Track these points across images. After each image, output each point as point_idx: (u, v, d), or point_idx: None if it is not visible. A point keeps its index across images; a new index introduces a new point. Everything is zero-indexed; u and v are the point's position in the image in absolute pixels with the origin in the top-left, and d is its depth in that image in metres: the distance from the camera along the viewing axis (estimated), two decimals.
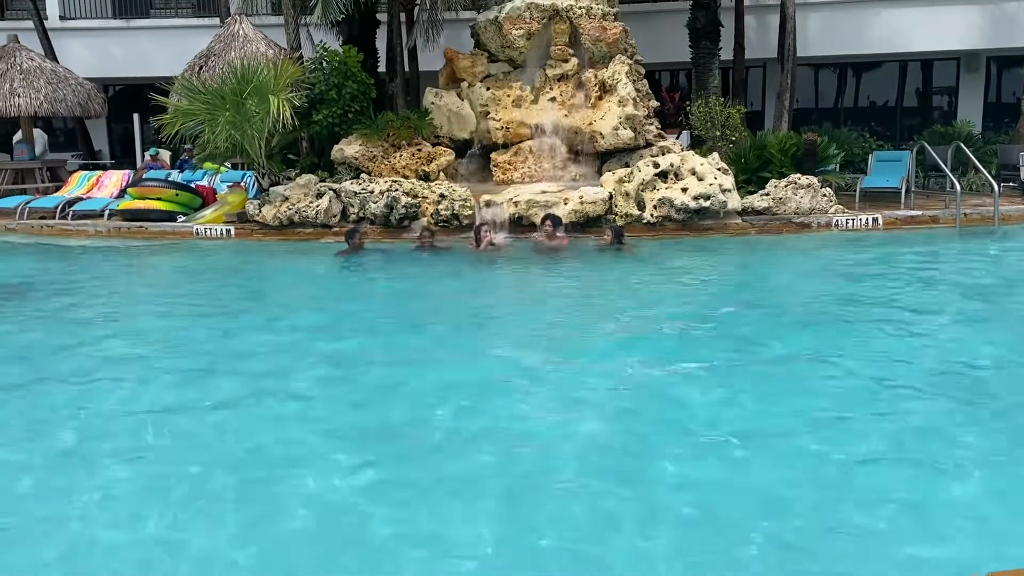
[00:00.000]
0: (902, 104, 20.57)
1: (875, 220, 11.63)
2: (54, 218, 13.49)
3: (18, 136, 16.96)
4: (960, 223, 11.42)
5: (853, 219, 11.63)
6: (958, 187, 11.54)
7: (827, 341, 6.11)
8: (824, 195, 11.93)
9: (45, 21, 19.07)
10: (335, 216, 11.96)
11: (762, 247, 10.80)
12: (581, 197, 11.35)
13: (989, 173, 12.59)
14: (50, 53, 18.17)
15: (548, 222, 10.55)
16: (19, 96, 15.61)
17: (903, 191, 12.68)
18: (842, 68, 20.55)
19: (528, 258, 10.20)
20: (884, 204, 12.52)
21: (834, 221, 11.61)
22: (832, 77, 20.78)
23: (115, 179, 14.86)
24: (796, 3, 15.44)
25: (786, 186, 11.96)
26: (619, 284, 8.81)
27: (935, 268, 9.41)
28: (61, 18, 19.92)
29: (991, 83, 19.97)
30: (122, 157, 20.61)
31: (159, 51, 18.60)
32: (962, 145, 13.15)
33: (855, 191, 12.87)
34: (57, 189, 15.28)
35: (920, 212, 12.01)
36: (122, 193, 14.00)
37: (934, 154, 12.68)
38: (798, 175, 12.16)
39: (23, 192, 15.35)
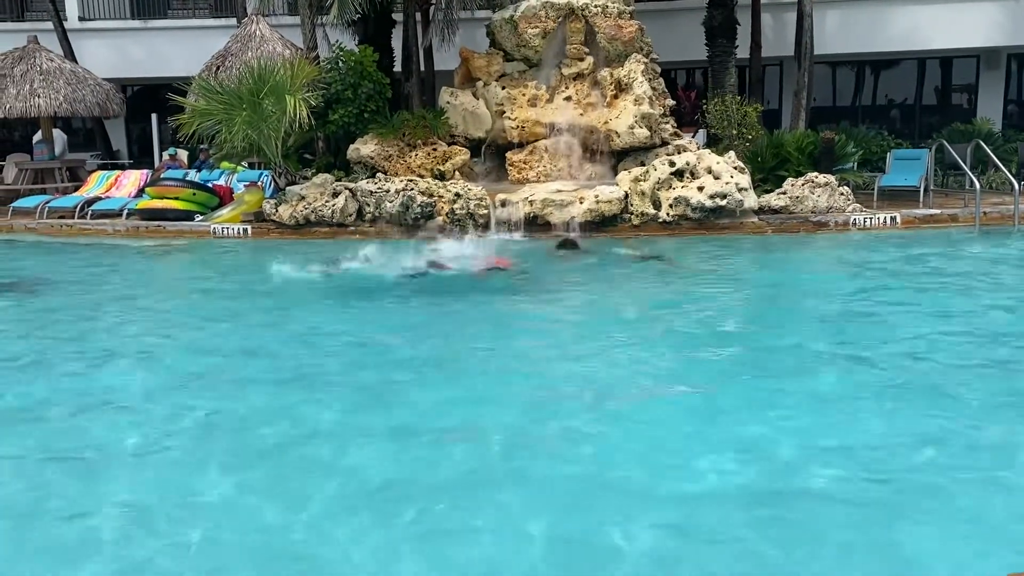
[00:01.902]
0: (921, 102, 20.38)
1: (893, 219, 11.55)
2: (73, 217, 13.62)
3: (38, 136, 17.12)
4: (979, 222, 11.32)
5: (871, 218, 11.55)
6: (977, 185, 11.44)
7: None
8: (842, 194, 11.86)
9: (64, 22, 19.22)
10: (351, 215, 12.00)
11: (803, 248, 10.67)
12: (597, 196, 11.33)
13: (1009, 171, 12.46)
14: (69, 54, 18.32)
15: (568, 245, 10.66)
16: (39, 97, 15.76)
17: (922, 190, 12.58)
18: (860, 66, 20.39)
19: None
20: (902, 203, 12.43)
21: (851, 220, 11.53)
22: (850, 75, 20.62)
23: (133, 179, 14.99)
24: (813, 1, 15.33)
25: (803, 185, 11.90)
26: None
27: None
28: (80, 19, 20.07)
29: (1011, 80, 19.74)
30: (140, 157, 20.73)
31: (177, 51, 18.70)
32: (982, 143, 13.02)
33: (873, 190, 12.79)
34: (76, 189, 15.43)
35: (939, 211, 11.91)
36: (140, 193, 14.13)
37: (953, 152, 12.57)
38: (815, 174, 12.10)
39: (43, 192, 15.50)
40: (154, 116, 16.96)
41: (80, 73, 16.70)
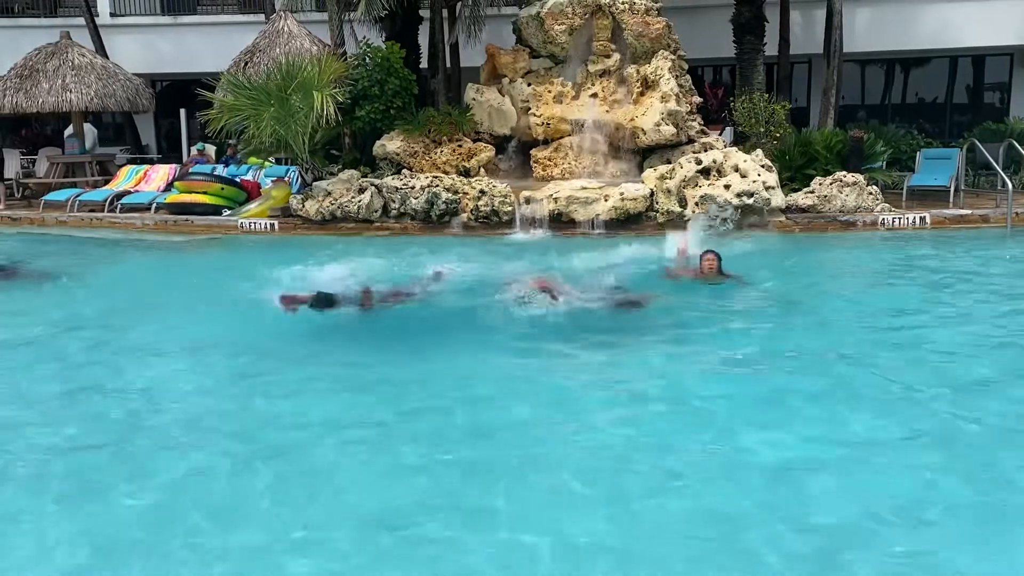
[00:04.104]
0: (952, 100, 20.10)
1: (922, 219, 11.41)
2: (103, 211, 13.80)
3: (69, 130, 17.35)
4: (1011, 222, 11.15)
5: (899, 218, 11.42)
6: (1009, 185, 11.27)
7: None
8: (870, 193, 11.74)
9: (96, 18, 19.46)
10: (377, 211, 12.05)
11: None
12: (622, 194, 11.29)
13: None
14: (100, 49, 18.54)
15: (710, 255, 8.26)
16: (71, 91, 15.97)
17: (952, 190, 12.43)
18: (890, 64, 20.14)
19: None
20: (932, 203, 12.28)
21: (880, 220, 11.41)
22: (879, 73, 20.39)
23: (162, 173, 15.17)
24: None
25: (831, 184, 11.79)
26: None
27: None
28: (111, 15, 20.31)
29: None
30: (169, 152, 20.94)
31: (206, 47, 18.87)
32: (1014, 142, 12.82)
33: (902, 189, 12.64)
34: (106, 183, 15.64)
35: (969, 211, 11.75)
36: (169, 187, 14.28)
37: (985, 152, 12.38)
38: (843, 173, 11.98)
39: (74, 185, 15.71)
40: (183, 111, 17.12)
41: (111, 68, 16.90)
